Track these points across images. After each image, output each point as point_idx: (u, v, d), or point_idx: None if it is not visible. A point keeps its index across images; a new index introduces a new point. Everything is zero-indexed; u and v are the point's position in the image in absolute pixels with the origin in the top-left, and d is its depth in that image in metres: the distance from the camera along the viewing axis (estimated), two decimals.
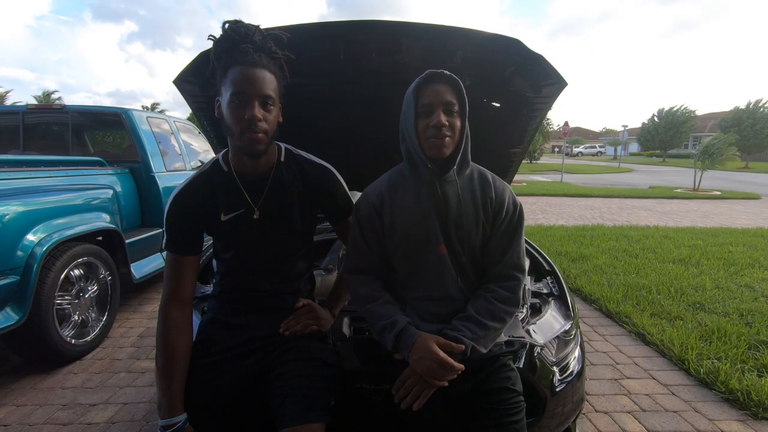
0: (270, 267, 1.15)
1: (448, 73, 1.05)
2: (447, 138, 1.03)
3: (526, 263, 1.40)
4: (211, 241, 1.23)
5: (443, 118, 1.02)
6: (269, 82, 0.99)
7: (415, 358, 0.98)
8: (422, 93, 1.05)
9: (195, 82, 1.44)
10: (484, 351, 1.03)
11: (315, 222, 1.24)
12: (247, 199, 1.09)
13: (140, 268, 3.00)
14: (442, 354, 0.97)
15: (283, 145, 1.17)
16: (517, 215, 1.13)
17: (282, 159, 1.14)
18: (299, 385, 1.01)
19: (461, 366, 0.98)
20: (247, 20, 1.01)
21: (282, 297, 1.18)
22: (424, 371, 0.97)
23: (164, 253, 1.10)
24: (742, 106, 28.71)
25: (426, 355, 0.97)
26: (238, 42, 0.98)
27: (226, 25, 0.99)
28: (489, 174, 1.17)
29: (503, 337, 1.12)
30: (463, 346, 0.99)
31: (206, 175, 1.09)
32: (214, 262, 1.23)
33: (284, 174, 1.13)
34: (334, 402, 1.06)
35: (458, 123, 1.05)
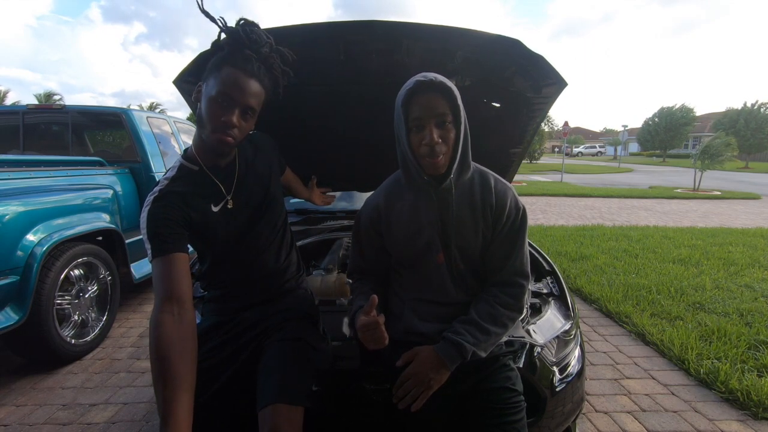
0: (256, 254, 1.14)
1: (437, 80, 0.97)
2: (441, 156, 0.99)
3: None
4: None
5: (436, 135, 0.97)
6: (257, 94, 1.00)
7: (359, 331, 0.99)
8: (411, 106, 0.98)
9: (195, 82, 1.44)
10: (483, 355, 1.03)
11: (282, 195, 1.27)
12: (221, 191, 1.07)
13: (140, 268, 3.00)
14: (363, 319, 0.96)
15: None
16: (519, 218, 1.08)
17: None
18: (280, 365, 1.01)
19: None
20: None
21: (271, 283, 1.18)
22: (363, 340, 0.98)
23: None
24: (737, 106, 28.75)
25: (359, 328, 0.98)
26: (244, 45, 0.97)
27: (241, 21, 0.99)
28: (491, 177, 1.12)
29: (503, 337, 1.12)
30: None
31: (179, 174, 1.05)
32: None
33: (245, 156, 1.14)
34: (316, 388, 1.04)
35: (452, 134, 0.99)
